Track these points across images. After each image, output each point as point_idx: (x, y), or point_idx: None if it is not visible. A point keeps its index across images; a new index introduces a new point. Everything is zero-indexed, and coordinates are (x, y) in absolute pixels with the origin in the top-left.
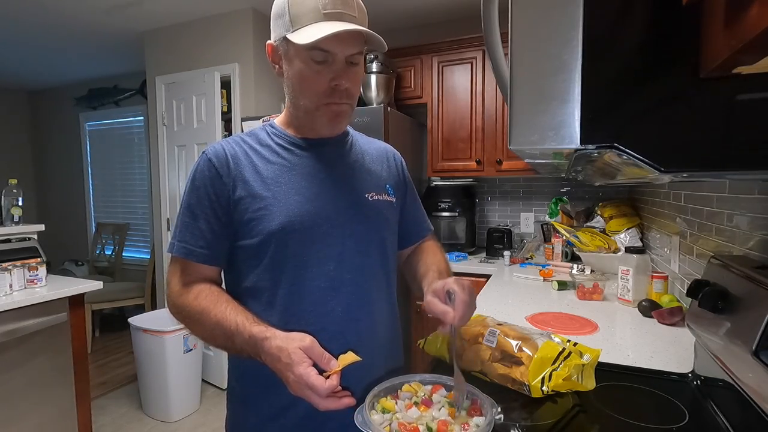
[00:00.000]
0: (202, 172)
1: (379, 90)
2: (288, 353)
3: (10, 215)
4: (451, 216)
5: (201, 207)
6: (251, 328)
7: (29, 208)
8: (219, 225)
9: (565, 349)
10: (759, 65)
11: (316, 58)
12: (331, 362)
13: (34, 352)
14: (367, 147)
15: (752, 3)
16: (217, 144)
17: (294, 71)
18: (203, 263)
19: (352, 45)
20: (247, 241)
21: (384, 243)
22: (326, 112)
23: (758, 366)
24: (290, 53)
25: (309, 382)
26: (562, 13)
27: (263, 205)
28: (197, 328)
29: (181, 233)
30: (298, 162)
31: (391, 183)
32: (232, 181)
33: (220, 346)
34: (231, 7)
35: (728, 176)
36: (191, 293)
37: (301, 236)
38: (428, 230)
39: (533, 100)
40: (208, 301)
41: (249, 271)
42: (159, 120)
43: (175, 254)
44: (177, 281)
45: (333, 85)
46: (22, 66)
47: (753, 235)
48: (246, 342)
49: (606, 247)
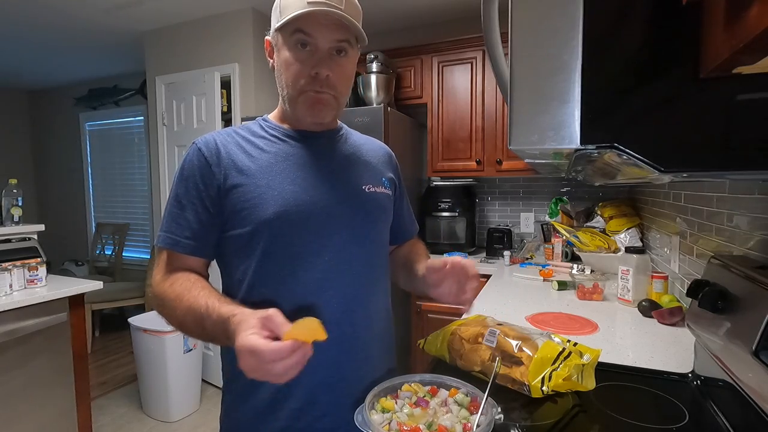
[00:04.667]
0: (191, 162)
1: (379, 90)
2: (241, 323)
3: (10, 215)
4: (451, 216)
5: (188, 197)
6: (220, 309)
7: (29, 208)
8: (207, 215)
9: (565, 349)
10: (759, 65)
11: (299, 41)
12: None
13: (34, 352)
14: (362, 142)
15: (752, 3)
16: (207, 135)
17: (281, 60)
18: (189, 254)
19: (335, 32)
20: (238, 230)
21: (380, 234)
22: (306, 99)
23: (758, 366)
24: (279, 43)
25: (249, 343)
26: (562, 13)
27: (257, 194)
28: (171, 314)
29: (168, 224)
30: (293, 152)
31: (387, 177)
32: (223, 170)
33: (193, 334)
34: (231, 7)
35: (728, 176)
36: (167, 281)
37: (295, 226)
38: (416, 230)
39: (533, 100)
40: (182, 287)
41: (240, 263)
42: (159, 120)
43: (160, 245)
44: (159, 271)
45: (314, 73)
46: (22, 66)
47: (753, 235)
48: (215, 324)
49: (606, 247)
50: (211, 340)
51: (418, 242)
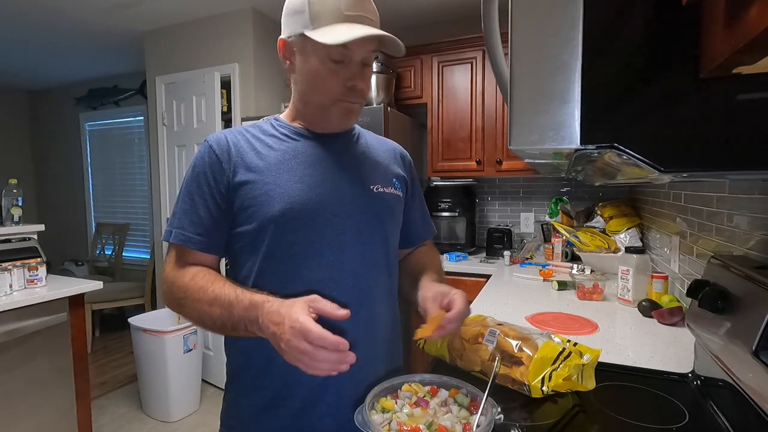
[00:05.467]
0: (202, 159)
1: (379, 90)
2: (289, 305)
3: (10, 215)
4: (451, 216)
5: (200, 194)
6: (252, 296)
7: (29, 208)
8: (218, 212)
9: (565, 349)
10: (759, 65)
11: (334, 57)
12: (339, 310)
13: (34, 352)
14: (374, 142)
15: (752, 3)
16: (219, 132)
17: (309, 68)
18: (201, 251)
19: (369, 45)
20: (245, 227)
21: (387, 235)
22: (340, 108)
23: (758, 366)
24: (307, 50)
25: (304, 326)
26: (562, 13)
27: (264, 191)
28: (193, 306)
29: (180, 220)
30: (303, 150)
31: (398, 178)
32: (233, 167)
33: (216, 324)
34: (231, 7)
35: (728, 176)
36: (187, 275)
37: (301, 224)
38: (431, 233)
39: (533, 100)
40: (205, 280)
41: (246, 260)
42: (159, 120)
43: (173, 241)
44: (172, 267)
45: (350, 85)
46: (22, 66)
47: (753, 235)
48: (245, 309)
49: (606, 247)
50: (235, 329)
51: (431, 250)
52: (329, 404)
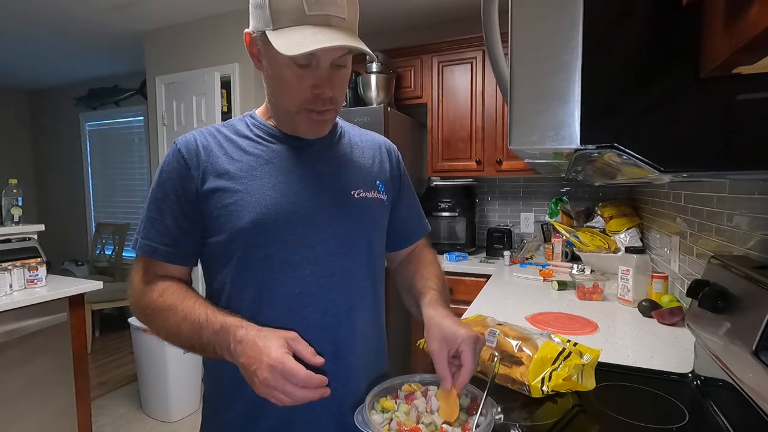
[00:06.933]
0: (169, 164)
1: (379, 90)
2: (266, 337)
3: (10, 215)
4: (451, 216)
5: (167, 202)
6: (224, 318)
7: (29, 208)
8: (186, 221)
9: (565, 349)
10: (759, 65)
11: (299, 62)
12: (316, 357)
13: (34, 352)
14: (358, 140)
15: (752, 3)
16: (189, 134)
17: (273, 72)
18: (168, 262)
19: (339, 51)
20: (215, 237)
21: (371, 245)
22: (306, 118)
23: (758, 366)
24: (270, 50)
25: (287, 366)
26: (562, 13)
27: (234, 200)
28: (161, 325)
29: (146, 230)
30: (277, 155)
31: (382, 179)
32: (202, 173)
33: (185, 344)
34: (231, 7)
35: (728, 176)
36: (155, 291)
37: (273, 236)
38: (425, 230)
39: (533, 100)
40: (174, 297)
41: (217, 272)
42: (159, 120)
43: (139, 252)
44: (139, 280)
45: (316, 92)
46: (22, 66)
47: (753, 235)
48: (215, 332)
49: (606, 247)
50: (204, 350)
51: (428, 255)
52: (305, 424)
